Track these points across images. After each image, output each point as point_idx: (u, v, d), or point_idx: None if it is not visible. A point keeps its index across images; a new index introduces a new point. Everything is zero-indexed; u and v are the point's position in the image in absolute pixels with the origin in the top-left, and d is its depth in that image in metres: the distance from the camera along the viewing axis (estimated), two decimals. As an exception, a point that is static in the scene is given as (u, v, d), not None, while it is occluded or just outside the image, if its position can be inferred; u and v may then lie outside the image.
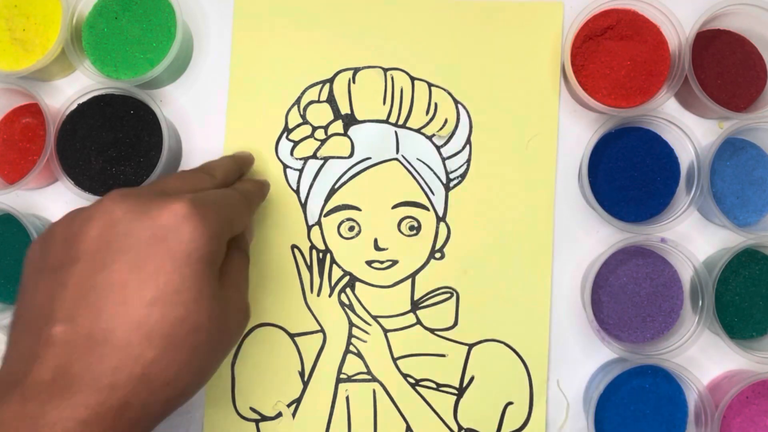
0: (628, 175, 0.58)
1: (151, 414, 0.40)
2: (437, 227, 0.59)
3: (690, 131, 0.57)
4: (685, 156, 0.58)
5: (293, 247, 0.60)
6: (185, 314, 0.40)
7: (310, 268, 0.60)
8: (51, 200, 0.61)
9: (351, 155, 0.60)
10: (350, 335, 0.59)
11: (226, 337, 0.44)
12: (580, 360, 0.59)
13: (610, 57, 0.58)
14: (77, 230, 0.41)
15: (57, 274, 0.41)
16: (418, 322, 0.59)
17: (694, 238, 0.59)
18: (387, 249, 0.59)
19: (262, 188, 0.56)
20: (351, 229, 0.60)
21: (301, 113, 0.61)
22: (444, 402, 0.58)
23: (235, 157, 0.57)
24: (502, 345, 0.58)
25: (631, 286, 0.58)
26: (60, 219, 0.44)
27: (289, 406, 0.58)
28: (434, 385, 0.58)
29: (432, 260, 0.59)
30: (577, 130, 0.60)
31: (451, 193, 0.60)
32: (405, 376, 0.58)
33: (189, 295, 0.40)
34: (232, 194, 0.49)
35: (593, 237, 0.60)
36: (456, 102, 0.60)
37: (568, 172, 0.60)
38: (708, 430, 0.54)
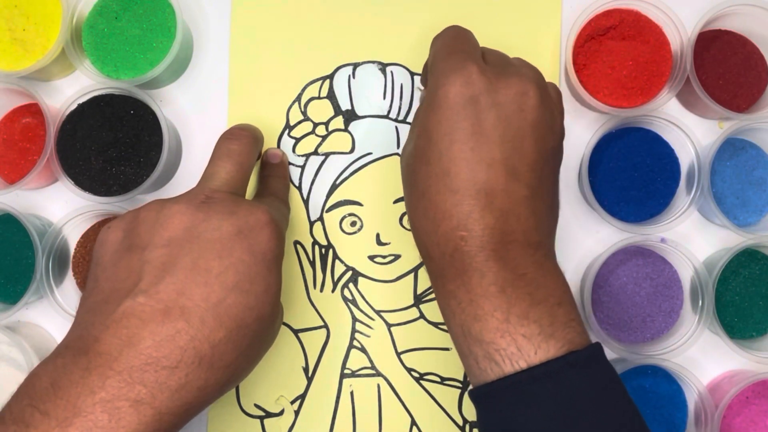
0: (629, 175, 0.58)
1: (203, 398, 0.42)
2: None
3: (690, 131, 0.57)
4: (686, 156, 0.58)
5: (296, 243, 0.60)
6: (254, 303, 0.44)
7: (312, 263, 0.60)
8: (51, 200, 0.61)
9: (352, 151, 0.60)
10: (354, 330, 0.59)
11: (273, 332, 0.49)
12: (580, 360, 0.59)
13: (612, 57, 0.57)
14: (166, 219, 0.45)
15: (143, 252, 0.44)
16: (422, 316, 0.59)
17: (694, 238, 0.59)
18: (389, 243, 0.60)
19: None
20: (353, 224, 0.60)
21: (302, 110, 0.60)
22: (449, 396, 0.58)
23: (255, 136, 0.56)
24: None
25: (631, 286, 0.58)
26: (144, 206, 0.47)
27: (293, 402, 0.59)
28: (439, 379, 0.59)
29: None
30: (577, 130, 0.60)
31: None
32: (409, 370, 0.59)
33: (260, 287, 0.44)
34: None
35: (593, 237, 0.60)
36: None
37: (569, 172, 0.60)
38: (708, 430, 0.55)
